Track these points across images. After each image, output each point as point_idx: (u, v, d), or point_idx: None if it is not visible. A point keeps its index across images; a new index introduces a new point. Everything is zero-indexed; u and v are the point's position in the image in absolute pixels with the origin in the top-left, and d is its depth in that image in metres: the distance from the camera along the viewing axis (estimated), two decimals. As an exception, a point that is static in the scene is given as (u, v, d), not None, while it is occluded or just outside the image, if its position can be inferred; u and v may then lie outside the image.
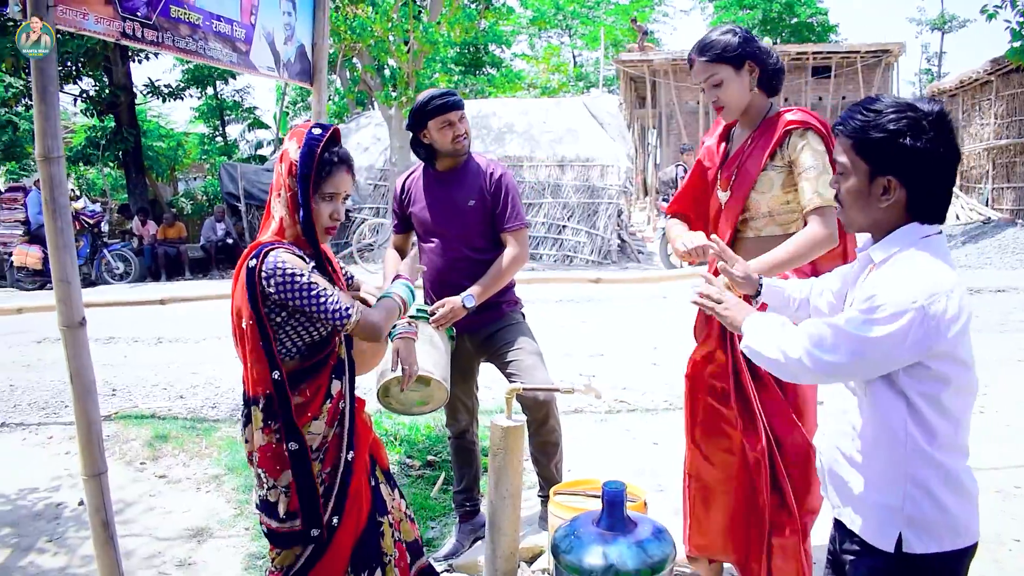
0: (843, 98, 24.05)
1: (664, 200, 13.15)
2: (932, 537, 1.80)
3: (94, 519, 2.95)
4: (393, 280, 2.64)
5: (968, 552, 1.84)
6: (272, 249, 2.28)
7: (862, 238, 2.00)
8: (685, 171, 13.12)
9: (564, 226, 15.95)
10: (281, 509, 2.34)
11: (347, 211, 16.54)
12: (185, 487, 4.57)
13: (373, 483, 2.56)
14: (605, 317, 9.19)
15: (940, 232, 1.84)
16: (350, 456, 2.40)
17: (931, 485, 1.80)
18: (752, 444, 2.74)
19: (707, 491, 2.96)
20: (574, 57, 38.53)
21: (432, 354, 3.12)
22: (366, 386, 3.72)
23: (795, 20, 34.65)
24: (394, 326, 2.76)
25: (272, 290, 2.24)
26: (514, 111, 18.31)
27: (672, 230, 3.12)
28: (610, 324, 8.76)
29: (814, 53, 23.93)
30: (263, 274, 2.24)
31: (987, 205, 18.64)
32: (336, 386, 2.38)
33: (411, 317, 3.05)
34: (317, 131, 2.35)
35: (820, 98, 24.18)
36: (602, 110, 17.84)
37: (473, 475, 3.81)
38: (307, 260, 2.32)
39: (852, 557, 1.91)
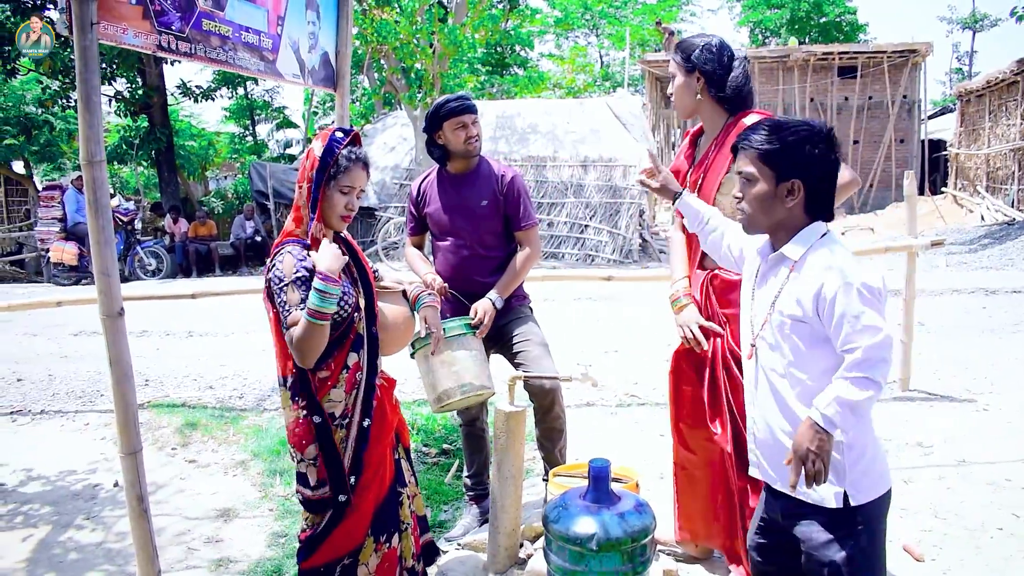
0: (869, 98, 23.99)
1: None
2: (870, 487, 2.10)
3: (130, 494, 3.20)
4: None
5: (890, 493, 2.16)
6: (281, 249, 2.61)
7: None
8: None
9: (586, 225, 16.13)
10: (312, 479, 2.64)
11: (373, 210, 16.84)
12: (213, 471, 4.84)
13: (396, 456, 2.85)
14: (620, 314, 9.37)
15: (830, 233, 2.18)
16: (366, 423, 2.67)
17: (864, 444, 2.11)
18: (720, 431, 2.94)
19: (691, 479, 3.18)
20: (600, 57, 38.62)
21: (485, 366, 3.43)
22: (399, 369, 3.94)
23: (823, 19, 34.47)
24: (418, 299, 3.05)
25: (270, 286, 2.59)
26: (538, 111, 18.51)
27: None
28: (625, 321, 8.94)
29: (840, 53, 23.89)
30: (268, 272, 2.60)
31: (1012, 206, 18.55)
32: (353, 358, 2.66)
33: (458, 335, 3.37)
34: (339, 134, 2.69)
35: (846, 98, 24.13)
36: (625, 111, 17.99)
37: (483, 461, 4.03)
38: (307, 258, 2.59)
39: (798, 520, 2.14)
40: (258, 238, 16.72)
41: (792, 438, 2.08)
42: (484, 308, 3.58)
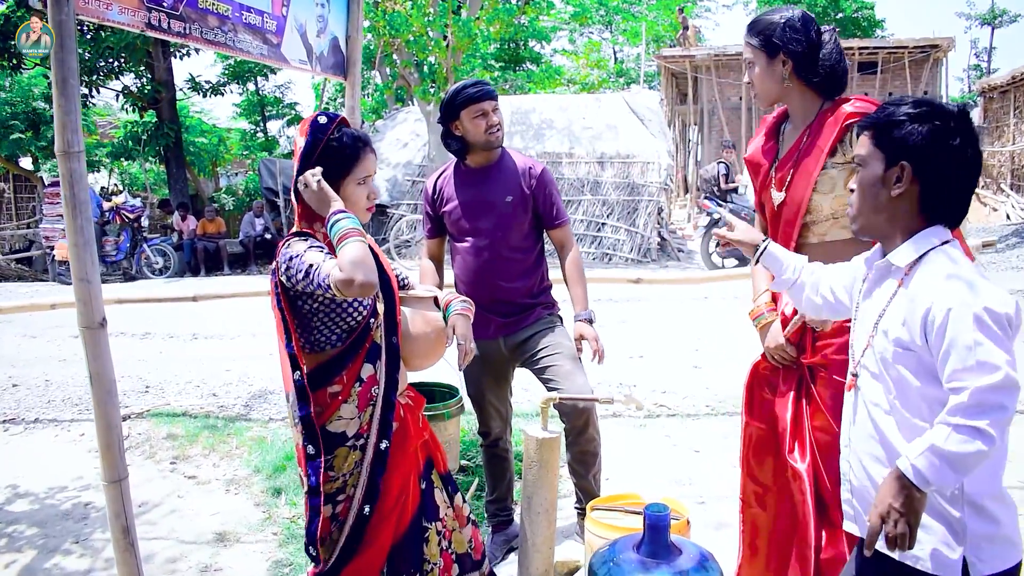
0: (889, 94, 23.48)
1: (706, 197, 12.84)
2: (995, 555, 1.69)
3: (114, 525, 2.87)
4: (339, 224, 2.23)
5: (1020, 565, 1.74)
6: (284, 242, 2.31)
7: None
8: (727, 168, 12.80)
9: (603, 224, 15.72)
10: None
11: (385, 207, 16.50)
12: (213, 488, 4.49)
13: (424, 486, 2.49)
14: (645, 318, 8.99)
15: (954, 241, 1.79)
16: (384, 445, 2.34)
17: (986, 501, 1.70)
18: (800, 462, 2.54)
19: (759, 520, 2.74)
20: (615, 53, 38.17)
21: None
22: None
23: (840, 15, 33.97)
24: (448, 305, 2.67)
25: (286, 280, 2.25)
26: (553, 107, 18.13)
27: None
28: (650, 325, 8.56)
29: (860, 48, 23.38)
30: (280, 268, 2.27)
31: (1040, 205, 18.08)
32: (368, 370, 2.34)
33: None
34: (323, 119, 2.37)
35: (866, 94, 23.58)
36: (642, 106, 17.58)
37: (506, 485, 3.67)
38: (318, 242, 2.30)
39: None
40: (268, 235, 16.37)
41: None
42: (590, 333, 3.28)
